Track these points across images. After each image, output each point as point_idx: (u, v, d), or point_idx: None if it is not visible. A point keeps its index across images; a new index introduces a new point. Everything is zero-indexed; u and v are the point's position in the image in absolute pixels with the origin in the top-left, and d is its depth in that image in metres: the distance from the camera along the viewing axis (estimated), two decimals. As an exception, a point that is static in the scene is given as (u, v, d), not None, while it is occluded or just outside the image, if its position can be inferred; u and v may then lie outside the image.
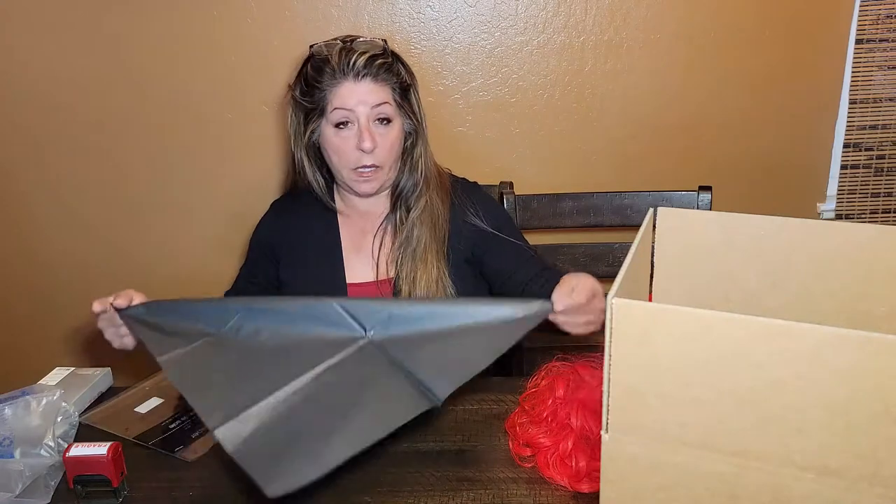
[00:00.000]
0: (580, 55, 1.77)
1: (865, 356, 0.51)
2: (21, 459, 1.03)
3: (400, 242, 1.30)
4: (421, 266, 1.28)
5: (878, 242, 0.71)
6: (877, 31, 1.72)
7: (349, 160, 1.24)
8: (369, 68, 1.21)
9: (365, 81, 1.21)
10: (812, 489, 0.57)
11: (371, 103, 1.21)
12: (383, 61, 1.22)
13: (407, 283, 1.28)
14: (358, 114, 1.21)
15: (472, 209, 1.33)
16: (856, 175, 1.84)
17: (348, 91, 1.21)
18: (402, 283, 1.28)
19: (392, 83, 1.23)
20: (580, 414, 0.99)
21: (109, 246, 1.92)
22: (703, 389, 0.58)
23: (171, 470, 1.06)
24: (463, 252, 1.31)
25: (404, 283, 1.28)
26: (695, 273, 0.79)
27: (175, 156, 1.85)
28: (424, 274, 1.27)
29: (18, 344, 2.02)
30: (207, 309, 1.09)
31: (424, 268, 1.28)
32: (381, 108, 1.22)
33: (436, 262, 1.28)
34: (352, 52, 1.21)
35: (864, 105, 1.78)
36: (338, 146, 1.24)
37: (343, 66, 1.20)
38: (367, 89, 1.21)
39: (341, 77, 1.21)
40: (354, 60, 1.20)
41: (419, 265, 1.28)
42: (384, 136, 1.24)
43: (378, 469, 1.04)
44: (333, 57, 1.21)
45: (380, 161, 1.25)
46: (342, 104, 1.21)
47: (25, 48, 1.76)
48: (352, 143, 1.23)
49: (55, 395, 1.10)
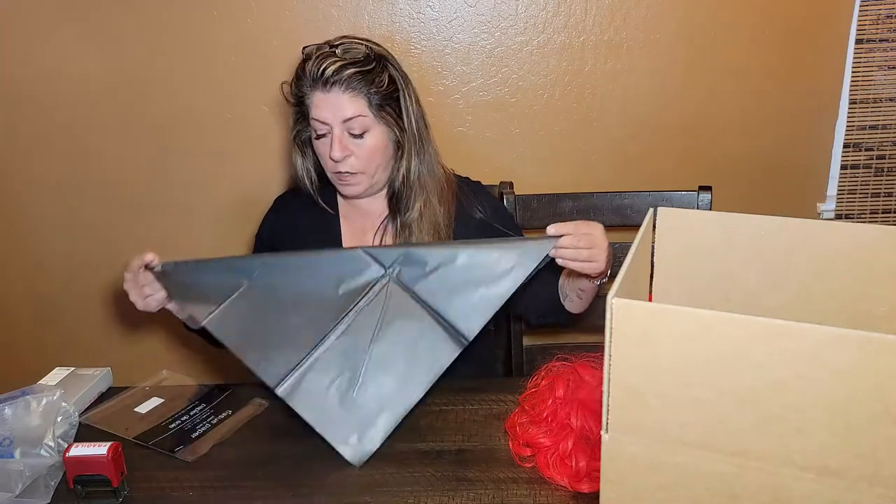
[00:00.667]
0: (580, 55, 1.77)
1: (865, 356, 0.51)
2: (21, 459, 1.03)
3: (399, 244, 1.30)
4: None
5: (878, 242, 0.71)
6: (877, 31, 1.72)
7: (328, 165, 1.25)
8: (338, 76, 1.18)
9: (334, 91, 1.19)
10: (812, 489, 0.57)
11: (342, 117, 1.20)
12: (356, 70, 1.19)
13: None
14: (331, 124, 1.21)
15: (479, 207, 1.34)
16: (856, 175, 1.84)
17: (320, 101, 1.20)
18: None
19: (366, 92, 1.20)
20: (580, 414, 0.99)
21: (109, 246, 1.92)
22: (703, 389, 0.58)
23: (171, 470, 1.06)
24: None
25: None
26: (695, 273, 0.79)
27: (175, 156, 1.85)
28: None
29: (18, 344, 2.02)
30: (231, 265, 1.18)
31: None
32: (351, 122, 1.20)
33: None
34: (324, 59, 1.18)
35: (864, 105, 1.78)
36: (319, 152, 1.26)
37: (313, 73, 1.19)
38: (337, 100, 1.19)
39: (312, 84, 1.20)
40: (324, 69, 1.18)
41: None
42: (359, 145, 1.22)
43: (378, 469, 1.04)
44: (309, 63, 1.20)
45: (356, 169, 1.23)
46: (316, 115, 1.21)
47: (25, 48, 1.76)
48: (328, 149, 1.23)
49: (55, 395, 1.10)
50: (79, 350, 2.01)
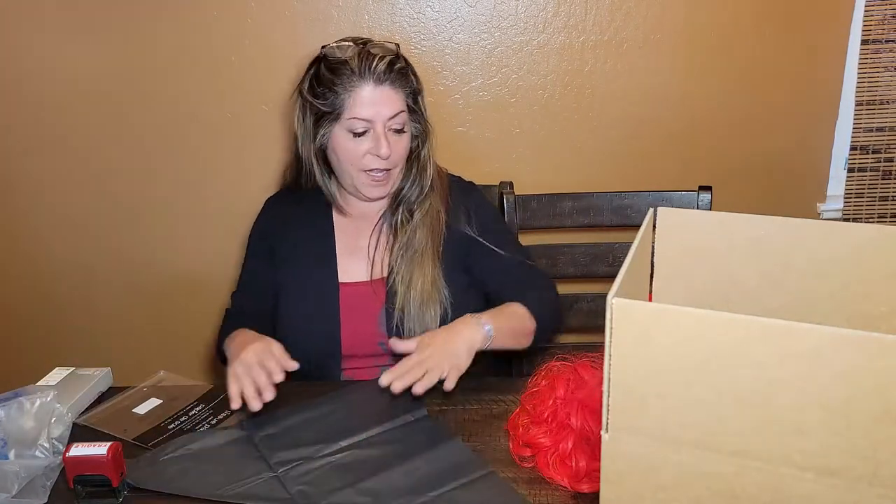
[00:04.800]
0: (580, 55, 1.77)
1: (865, 356, 0.51)
2: (16, 461, 1.03)
3: (401, 244, 1.29)
4: (418, 268, 1.27)
5: (878, 242, 0.71)
6: (883, 31, 1.70)
7: (362, 164, 1.24)
8: (388, 74, 1.20)
9: (384, 87, 1.20)
10: (812, 489, 0.57)
11: (388, 113, 1.21)
12: (401, 66, 1.22)
13: (403, 285, 1.27)
14: (375, 122, 1.21)
15: (464, 215, 1.33)
16: (863, 178, 1.82)
17: (368, 97, 1.19)
18: (398, 285, 1.28)
19: (406, 90, 1.23)
20: (580, 414, 0.99)
21: (109, 246, 1.92)
22: (703, 389, 0.58)
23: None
24: (454, 256, 1.31)
25: (400, 285, 1.28)
26: (695, 273, 0.79)
27: (175, 155, 1.85)
28: (421, 277, 1.27)
29: (18, 344, 2.02)
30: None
31: (421, 270, 1.27)
32: (397, 118, 1.22)
33: (432, 264, 1.28)
34: (372, 56, 1.19)
35: (870, 107, 1.76)
36: (351, 150, 1.23)
37: (363, 69, 1.18)
38: (386, 96, 1.20)
39: (360, 81, 1.19)
40: (375, 65, 1.18)
41: (416, 267, 1.28)
42: (398, 142, 1.24)
43: (378, 469, 1.04)
44: (353, 59, 1.19)
45: (392, 165, 1.26)
46: (360, 113, 1.20)
47: (24, 48, 1.76)
48: (365, 147, 1.22)
49: (48, 396, 1.09)
50: (79, 350, 2.01)
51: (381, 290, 1.30)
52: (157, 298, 1.97)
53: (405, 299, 1.27)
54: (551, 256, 1.64)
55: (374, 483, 0.97)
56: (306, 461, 1.02)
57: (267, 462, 1.03)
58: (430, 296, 1.26)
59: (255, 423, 1.11)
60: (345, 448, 1.05)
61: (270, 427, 1.10)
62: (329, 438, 1.06)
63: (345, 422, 1.10)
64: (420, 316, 1.26)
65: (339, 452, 1.04)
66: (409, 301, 1.26)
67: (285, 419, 1.12)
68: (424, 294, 1.26)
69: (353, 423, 1.09)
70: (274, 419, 1.12)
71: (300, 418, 1.12)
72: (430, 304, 1.27)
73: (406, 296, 1.27)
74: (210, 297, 1.92)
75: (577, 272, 1.65)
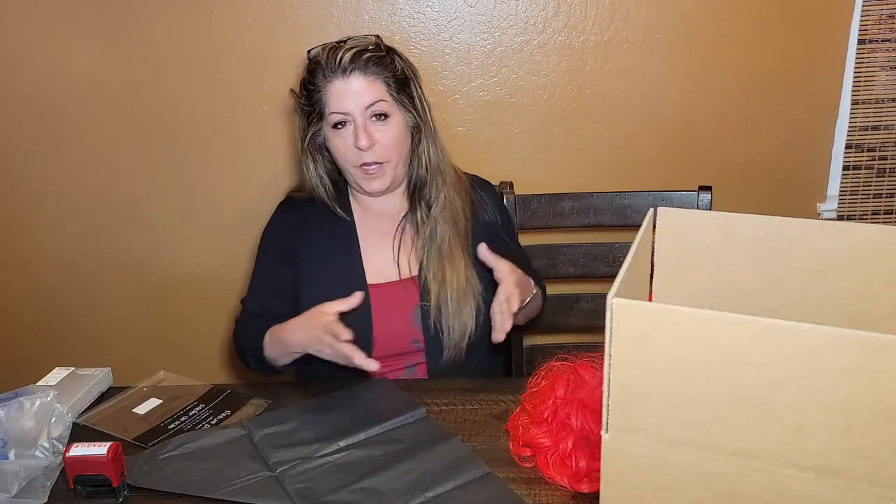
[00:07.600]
0: (580, 55, 1.77)
1: (865, 356, 0.51)
2: (16, 461, 1.03)
3: (423, 241, 1.29)
4: (448, 264, 1.27)
5: (878, 242, 0.71)
6: (879, 31, 1.71)
7: (351, 159, 1.24)
8: (356, 63, 1.20)
9: (354, 77, 1.20)
10: (812, 489, 0.57)
11: (364, 102, 1.21)
12: (372, 55, 1.22)
13: (437, 282, 1.26)
14: (353, 113, 1.21)
15: (489, 209, 1.34)
16: (858, 176, 1.83)
17: (339, 90, 1.21)
18: (432, 283, 1.27)
19: (384, 76, 1.23)
20: (580, 414, 0.99)
21: (110, 246, 1.92)
22: (703, 389, 0.58)
23: (170, 470, 1.06)
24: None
25: (433, 283, 1.27)
26: (695, 273, 0.79)
27: (175, 155, 1.85)
28: (454, 273, 1.26)
29: (19, 344, 2.01)
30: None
31: (452, 266, 1.27)
32: (375, 106, 1.22)
33: (462, 259, 1.28)
34: (338, 50, 1.21)
35: (866, 105, 1.77)
36: (339, 146, 1.24)
37: (331, 64, 1.21)
38: (358, 86, 1.20)
39: (331, 75, 1.21)
40: (340, 57, 1.20)
41: (447, 263, 1.27)
42: (384, 132, 1.23)
43: (378, 469, 1.04)
44: (321, 57, 1.22)
45: (382, 157, 1.24)
46: (336, 106, 1.21)
47: (24, 49, 1.76)
48: (351, 141, 1.22)
49: (48, 396, 1.10)
50: (79, 350, 2.01)
51: (411, 289, 1.30)
52: (157, 298, 1.97)
53: (440, 297, 1.26)
54: (551, 256, 1.64)
55: (372, 483, 0.97)
56: (305, 461, 1.02)
57: (265, 461, 1.03)
58: (464, 292, 1.26)
59: (254, 422, 1.11)
60: (344, 448, 1.05)
61: (269, 426, 1.10)
62: (328, 438, 1.06)
63: (344, 421, 1.10)
64: (458, 312, 1.26)
65: (338, 452, 1.04)
66: (445, 298, 1.26)
67: (284, 419, 1.12)
68: (459, 290, 1.26)
69: (352, 423, 1.09)
70: (273, 419, 1.12)
71: (299, 418, 1.12)
72: (466, 299, 1.26)
73: (441, 293, 1.26)
74: (210, 296, 1.93)
75: (576, 272, 1.65)
